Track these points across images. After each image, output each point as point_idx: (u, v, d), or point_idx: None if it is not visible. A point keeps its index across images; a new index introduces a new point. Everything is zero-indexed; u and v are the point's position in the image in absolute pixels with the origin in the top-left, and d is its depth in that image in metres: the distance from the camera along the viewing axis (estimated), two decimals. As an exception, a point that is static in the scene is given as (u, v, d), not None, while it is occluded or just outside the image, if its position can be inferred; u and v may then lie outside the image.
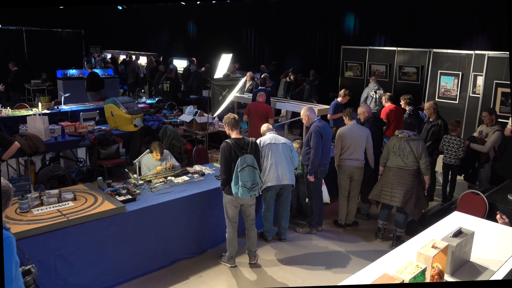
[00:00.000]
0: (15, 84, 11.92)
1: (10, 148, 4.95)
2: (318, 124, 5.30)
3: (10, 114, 8.39)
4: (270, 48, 15.90)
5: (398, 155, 5.14)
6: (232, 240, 4.62)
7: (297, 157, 5.25)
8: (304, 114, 5.49)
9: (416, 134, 5.26)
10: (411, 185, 5.09)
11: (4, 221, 3.77)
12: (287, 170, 5.03)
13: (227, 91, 6.65)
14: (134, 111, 7.57)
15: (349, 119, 5.67)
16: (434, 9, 10.54)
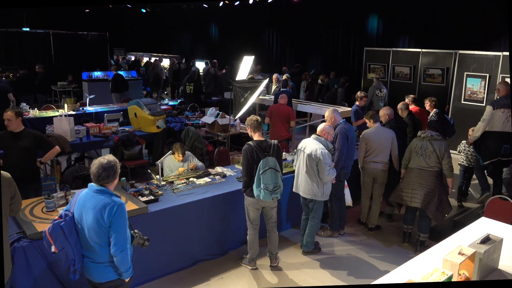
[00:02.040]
0: (42, 86, 12.23)
1: (50, 151, 5.06)
2: (344, 126, 5.25)
3: (37, 115, 8.61)
4: (292, 50, 15.87)
5: (420, 155, 5.08)
6: (253, 243, 4.62)
7: (323, 170, 4.77)
8: (329, 116, 5.40)
9: (439, 134, 5.19)
10: (433, 187, 5.01)
11: (31, 219, 3.87)
12: (303, 181, 4.86)
13: (249, 93, 6.65)
14: (157, 112, 7.66)
15: (373, 122, 5.63)
16: (460, 9, 10.32)
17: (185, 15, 18.45)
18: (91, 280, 3.10)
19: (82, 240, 3.00)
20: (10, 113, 4.72)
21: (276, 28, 16.19)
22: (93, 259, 3.00)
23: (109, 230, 2.91)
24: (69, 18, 17.00)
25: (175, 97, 14.44)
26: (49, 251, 2.96)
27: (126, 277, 3.06)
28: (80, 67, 14.86)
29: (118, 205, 2.93)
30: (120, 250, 2.93)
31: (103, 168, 2.95)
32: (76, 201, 3.03)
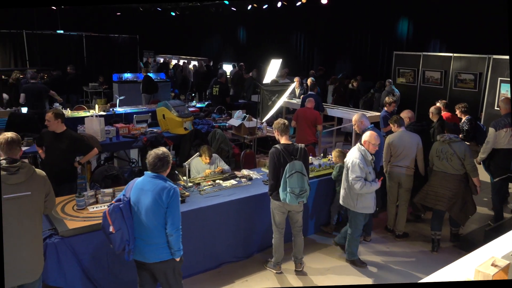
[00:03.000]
0: (73, 87, 12.58)
1: (89, 154, 5.20)
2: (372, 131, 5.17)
3: (69, 115, 8.83)
4: (319, 53, 15.79)
5: (443, 159, 5.09)
6: (279, 246, 4.60)
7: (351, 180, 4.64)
8: (357, 120, 5.33)
9: (458, 136, 5.19)
10: (457, 190, 5.02)
11: (62, 217, 3.97)
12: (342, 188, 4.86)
13: (276, 97, 6.66)
14: (184, 114, 7.74)
15: (398, 126, 5.56)
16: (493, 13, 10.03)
17: (214, 18, 18.62)
18: (143, 261, 3.31)
19: (136, 222, 3.25)
20: (50, 114, 4.87)
21: (303, 32, 16.15)
22: (147, 240, 3.25)
23: (166, 211, 3.21)
24: (101, 21, 17.44)
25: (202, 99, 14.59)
26: (107, 231, 3.18)
27: (178, 256, 3.33)
28: (111, 68, 15.21)
29: (174, 188, 3.28)
30: (176, 229, 3.26)
31: (158, 158, 3.28)
32: (133, 186, 3.31)
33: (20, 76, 11.09)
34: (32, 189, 3.15)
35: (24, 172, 3.12)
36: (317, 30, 15.31)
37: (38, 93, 8.80)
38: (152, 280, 3.46)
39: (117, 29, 17.13)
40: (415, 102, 10.76)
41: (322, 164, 5.91)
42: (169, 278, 3.38)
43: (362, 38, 13.92)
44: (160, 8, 16.66)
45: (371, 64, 13.62)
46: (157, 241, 3.26)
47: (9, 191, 3.04)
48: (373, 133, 4.71)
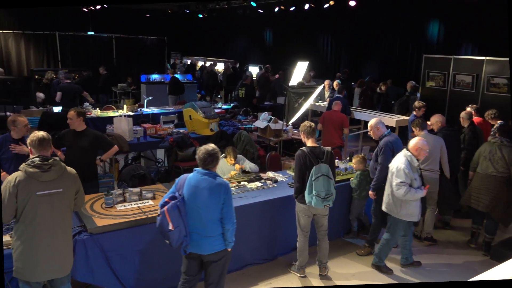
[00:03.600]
0: (104, 87, 12.85)
1: (110, 150, 5.24)
2: (390, 139, 4.97)
3: (99, 115, 9.04)
4: (346, 56, 15.63)
5: (489, 159, 5.04)
6: (303, 250, 4.57)
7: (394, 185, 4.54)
8: (373, 126, 5.09)
9: (509, 141, 5.07)
10: (499, 192, 4.96)
11: (91, 214, 4.05)
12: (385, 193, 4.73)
13: (303, 99, 6.62)
14: (210, 115, 7.81)
15: (420, 130, 5.45)
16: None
17: (241, 20, 18.70)
18: (198, 253, 3.48)
19: (191, 217, 3.41)
20: (72, 112, 4.95)
21: (330, 34, 16.02)
22: (203, 234, 3.42)
23: (222, 206, 3.39)
24: (131, 23, 17.77)
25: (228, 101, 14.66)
26: (166, 229, 3.30)
27: (230, 247, 3.53)
28: (139, 69, 15.48)
29: (228, 185, 3.48)
30: (232, 223, 3.46)
31: (208, 154, 3.42)
32: (185, 183, 3.44)
33: (53, 76, 11.41)
34: (63, 186, 3.22)
35: (56, 169, 3.20)
36: (344, 32, 15.16)
37: (72, 93, 9.03)
38: (198, 270, 3.61)
39: (145, 31, 17.41)
40: (445, 106, 10.51)
41: (349, 168, 5.84)
42: (218, 267, 3.54)
43: (391, 40, 13.69)
44: (188, 10, 16.84)
45: (399, 67, 13.37)
46: (212, 234, 3.43)
47: (42, 187, 3.12)
48: (422, 139, 4.64)
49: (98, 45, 16.24)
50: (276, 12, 14.68)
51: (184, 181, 3.48)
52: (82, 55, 15.92)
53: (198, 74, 16.64)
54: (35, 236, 3.12)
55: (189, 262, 3.58)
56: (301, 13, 14.40)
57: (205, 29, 20.64)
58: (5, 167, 4.67)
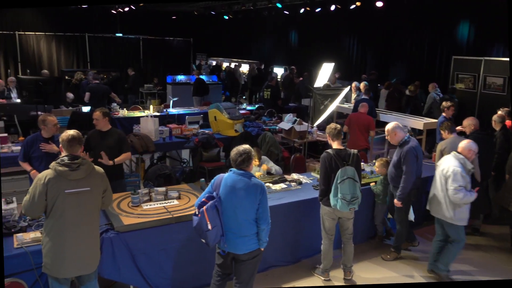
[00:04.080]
0: (133, 88, 13.07)
1: (124, 156, 5.19)
2: (413, 145, 4.80)
3: (126, 115, 9.20)
4: (372, 57, 15.42)
5: None
6: (328, 253, 4.53)
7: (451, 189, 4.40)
8: (390, 131, 4.90)
9: None
10: None
11: (118, 212, 4.11)
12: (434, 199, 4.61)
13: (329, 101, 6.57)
14: (235, 116, 7.83)
15: (449, 133, 5.33)
16: None
17: (266, 21, 18.71)
18: (233, 252, 3.54)
19: (226, 217, 3.46)
20: (98, 113, 5.03)
21: (357, 35, 15.84)
22: (238, 233, 3.47)
23: (258, 207, 3.45)
24: (158, 24, 18.04)
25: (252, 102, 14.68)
26: (205, 229, 3.36)
27: (264, 246, 3.57)
28: (165, 70, 15.69)
29: (263, 185, 3.53)
30: (268, 223, 3.50)
31: (239, 154, 3.48)
32: (222, 183, 3.50)
33: (82, 77, 11.67)
34: (91, 185, 3.27)
35: (84, 168, 3.25)
36: (370, 33, 14.96)
37: (101, 93, 9.21)
38: (230, 268, 3.67)
39: (172, 32, 17.64)
40: (475, 109, 10.25)
41: (374, 171, 5.75)
42: (251, 266, 3.59)
43: (419, 41, 13.42)
44: (213, 12, 16.97)
45: (427, 69, 13.10)
46: (247, 233, 3.48)
47: (70, 186, 3.18)
48: (471, 141, 4.57)
49: (126, 46, 16.55)
50: (302, 13, 14.61)
51: (220, 181, 3.53)
52: (110, 56, 16.25)
53: (223, 75, 16.74)
54: (62, 233, 3.18)
55: (224, 261, 3.64)
56: (327, 14, 14.28)
57: (230, 31, 20.74)
58: (35, 165, 4.79)
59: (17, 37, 14.56)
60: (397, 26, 13.81)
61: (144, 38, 16.68)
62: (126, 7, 14.92)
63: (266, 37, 20.54)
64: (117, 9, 15.75)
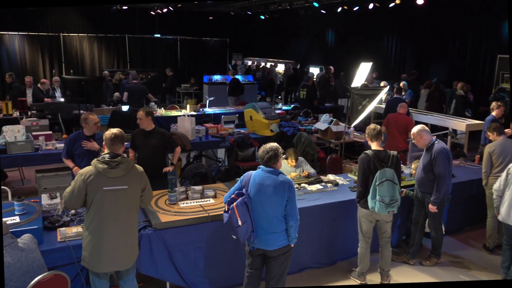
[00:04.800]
0: (171, 87, 13.32)
1: (176, 152, 5.33)
2: (443, 146, 4.61)
3: (164, 114, 9.37)
4: (412, 57, 15.01)
5: None
6: (364, 256, 4.43)
7: None
8: (416, 135, 4.70)
9: None
10: None
11: (156, 210, 4.18)
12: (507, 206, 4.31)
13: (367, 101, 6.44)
14: (271, 116, 7.82)
15: (498, 135, 5.11)
16: None
17: (302, 21, 18.60)
18: (263, 248, 3.56)
19: (256, 214, 3.50)
20: (141, 112, 5.12)
21: (396, 34, 15.47)
22: (268, 230, 3.50)
23: (286, 203, 3.46)
24: (195, 25, 18.30)
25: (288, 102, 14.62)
26: (235, 225, 3.41)
27: (293, 243, 3.59)
28: (202, 70, 15.88)
29: (292, 182, 3.54)
30: (296, 220, 3.52)
31: (266, 152, 3.51)
32: (250, 180, 3.54)
33: (122, 77, 11.99)
34: (129, 183, 3.33)
35: (123, 167, 3.31)
36: (410, 31, 14.56)
37: (139, 93, 9.43)
38: (261, 265, 3.70)
39: (209, 32, 17.85)
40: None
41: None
42: (281, 262, 3.59)
43: (461, 40, 12.94)
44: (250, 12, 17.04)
45: (470, 68, 12.62)
46: (277, 230, 3.50)
47: (109, 183, 3.25)
48: None
49: (163, 47, 16.88)
50: (339, 12, 14.42)
51: (249, 178, 3.56)
52: (149, 57, 16.63)
53: (259, 75, 16.77)
54: (100, 228, 3.26)
55: (253, 257, 3.66)
56: (365, 13, 14.03)
57: (266, 30, 20.75)
58: (77, 162, 4.94)
59: (61, 39, 15.14)
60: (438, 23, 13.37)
61: (181, 39, 16.97)
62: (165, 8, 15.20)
63: (302, 37, 20.41)
64: (156, 10, 16.08)
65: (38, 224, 3.65)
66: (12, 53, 14.38)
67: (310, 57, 19.66)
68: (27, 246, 3.19)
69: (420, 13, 13.22)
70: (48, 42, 15.05)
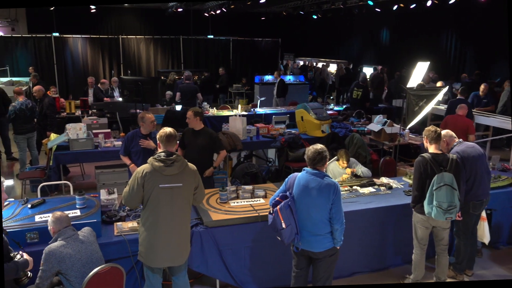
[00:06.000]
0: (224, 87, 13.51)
1: (220, 156, 5.34)
2: (455, 150, 4.36)
3: (215, 114, 9.52)
4: (472, 55, 14.27)
5: None
6: (419, 263, 4.26)
7: None
8: (448, 137, 4.45)
9: None
10: None
11: (207, 208, 4.25)
12: None
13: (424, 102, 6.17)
14: (323, 117, 7.72)
15: None
16: None
17: (355, 20, 18.24)
18: (309, 250, 3.53)
19: (301, 216, 3.47)
20: (190, 112, 5.17)
21: (455, 31, 14.78)
22: (313, 232, 3.46)
23: (331, 206, 3.41)
24: (247, 25, 18.46)
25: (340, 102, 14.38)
26: (279, 228, 3.42)
27: (339, 245, 3.54)
28: (253, 71, 15.98)
29: (336, 184, 3.47)
30: (341, 223, 3.46)
31: (317, 153, 3.46)
32: (295, 183, 3.51)
33: (175, 77, 12.32)
34: (183, 181, 3.40)
35: (178, 165, 3.39)
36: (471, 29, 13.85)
37: (190, 92, 9.65)
38: (307, 265, 3.67)
39: (260, 33, 17.93)
40: None
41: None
42: (327, 264, 3.56)
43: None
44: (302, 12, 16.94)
45: (538, 68, 11.80)
46: (322, 232, 3.46)
47: (164, 181, 3.33)
48: None
49: (216, 47, 17.16)
50: (395, 10, 13.98)
51: (294, 180, 3.53)
52: (202, 57, 16.97)
53: (311, 75, 16.63)
54: (156, 224, 3.36)
55: (299, 258, 3.65)
56: (423, 10, 13.51)
57: (318, 30, 20.54)
58: (134, 159, 5.12)
59: (120, 41, 15.80)
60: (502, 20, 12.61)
61: (234, 39, 17.17)
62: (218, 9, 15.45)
63: (355, 36, 20.02)
64: (210, 12, 16.39)
65: (97, 218, 3.83)
66: (75, 55, 15.21)
67: (363, 56, 19.24)
68: (86, 239, 3.35)
69: (481, 9, 12.53)
70: (108, 44, 15.76)
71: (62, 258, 3.13)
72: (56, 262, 3.12)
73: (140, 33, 17.27)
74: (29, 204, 4.07)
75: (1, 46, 14.39)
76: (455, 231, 4.60)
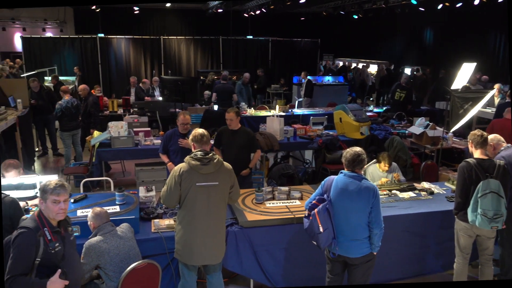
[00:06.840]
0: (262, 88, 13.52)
1: (256, 155, 5.37)
2: (503, 154, 4.16)
3: (253, 114, 9.54)
4: (523, 56, 13.60)
5: None
6: (461, 273, 4.08)
7: None
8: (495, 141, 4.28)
9: None
10: None
11: (242, 208, 4.25)
12: None
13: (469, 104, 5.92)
14: (362, 119, 7.57)
15: None
16: None
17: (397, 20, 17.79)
18: (346, 256, 3.45)
19: (338, 220, 3.40)
20: (232, 113, 5.20)
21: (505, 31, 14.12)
22: (351, 237, 3.39)
23: (370, 210, 3.33)
24: (286, 26, 18.39)
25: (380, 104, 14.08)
26: (316, 231, 3.37)
27: (376, 251, 3.45)
28: (292, 71, 15.90)
29: (376, 188, 3.41)
30: (380, 228, 3.37)
31: (356, 155, 3.40)
32: (332, 185, 3.44)
33: (214, 78, 12.44)
34: (219, 180, 3.43)
35: (214, 164, 3.42)
36: (522, 29, 13.22)
37: (226, 93, 9.72)
38: (342, 271, 3.60)
39: (300, 33, 17.82)
40: None
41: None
42: (364, 270, 3.48)
43: None
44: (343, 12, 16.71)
45: None
46: (360, 237, 3.39)
47: (201, 179, 3.37)
48: None
49: (255, 48, 17.20)
50: (439, 9, 13.52)
51: (331, 183, 3.46)
52: (241, 58, 17.06)
53: (351, 76, 16.37)
54: (193, 222, 3.39)
55: (334, 263, 3.57)
56: (469, 9, 12.99)
57: (358, 30, 20.18)
58: (172, 157, 5.20)
59: (161, 41, 16.14)
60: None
61: (273, 40, 17.16)
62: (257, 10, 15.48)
63: (397, 36, 19.53)
64: (249, 12, 16.45)
65: (135, 215, 3.91)
66: (118, 55, 15.66)
67: (406, 57, 18.75)
68: (125, 235, 3.43)
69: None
70: (150, 44, 16.13)
71: (101, 252, 3.22)
72: (95, 256, 3.21)
73: (181, 33, 17.57)
74: (72, 199, 4.21)
75: (50, 47, 15.01)
76: (500, 240, 4.39)
